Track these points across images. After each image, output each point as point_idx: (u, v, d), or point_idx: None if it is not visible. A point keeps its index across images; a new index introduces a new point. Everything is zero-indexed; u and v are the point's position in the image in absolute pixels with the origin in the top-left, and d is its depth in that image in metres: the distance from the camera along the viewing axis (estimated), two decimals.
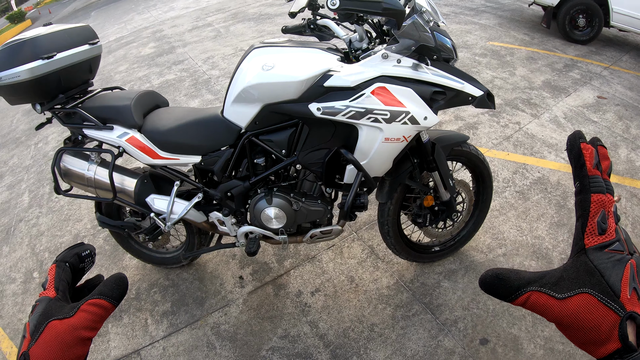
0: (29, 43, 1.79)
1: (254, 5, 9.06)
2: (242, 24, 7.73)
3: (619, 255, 0.44)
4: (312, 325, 2.18)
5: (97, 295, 0.56)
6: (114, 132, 1.92)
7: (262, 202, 1.89)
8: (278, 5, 8.65)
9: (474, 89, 1.72)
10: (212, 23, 8.18)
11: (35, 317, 0.54)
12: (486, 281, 0.49)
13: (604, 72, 4.88)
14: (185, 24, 8.49)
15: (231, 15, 8.56)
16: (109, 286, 0.58)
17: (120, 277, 0.60)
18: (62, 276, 0.61)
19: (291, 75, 1.62)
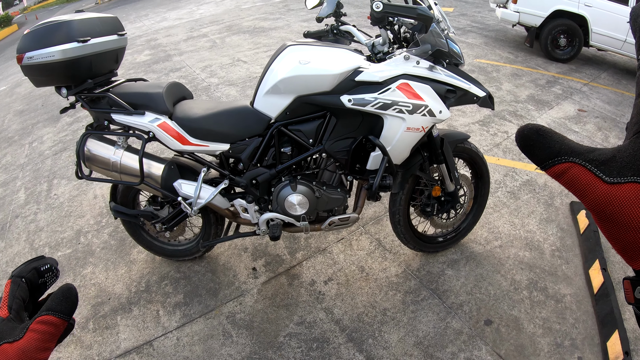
0: (66, 25, 1.84)
1: (248, 18, 9.24)
2: (237, 36, 7.88)
3: None
4: (327, 311, 2.28)
5: (45, 311, 0.52)
6: (145, 117, 1.98)
7: (287, 189, 2.02)
8: (272, 19, 8.87)
9: (478, 90, 1.95)
10: (207, 34, 8.30)
11: None
12: (524, 134, 0.41)
13: (584, 88, 5.21)
14: (180, 34, 8.58)
15: (226, 27, 8.71)
16: (56, 300, 0.54)
17: (68, 289, 0.56)
18: (17, 293, 0.57)
19: (327, 69, 1.80)
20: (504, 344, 2.07)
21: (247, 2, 11.99)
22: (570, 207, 3.02)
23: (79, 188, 3.67)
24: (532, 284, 2.38)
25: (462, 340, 2.10)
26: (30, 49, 1.82)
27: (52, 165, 4.22)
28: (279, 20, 8.80)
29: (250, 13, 9.86)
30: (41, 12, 22.73)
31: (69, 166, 4.13)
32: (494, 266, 2.50)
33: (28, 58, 1.83)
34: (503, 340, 2.09)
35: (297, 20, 8.65)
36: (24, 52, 1.84)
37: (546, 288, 2.35)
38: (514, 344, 2.07)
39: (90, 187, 3.63)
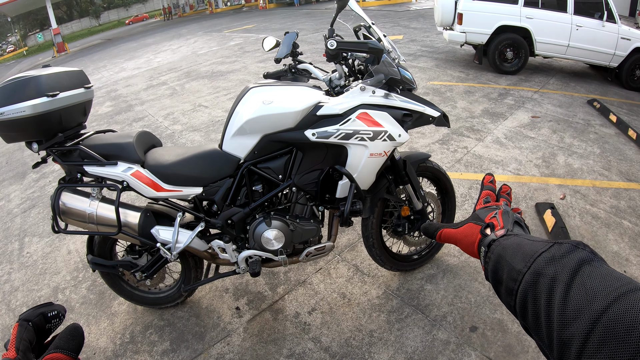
0: (35, 80, 1.85)
1: (205, 63, 9.38)
2: (196, 82, 7.98)
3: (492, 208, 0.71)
4: (314, 341, 2.31)
5: (53, 349, 0.55)
6: (118, 167, 2.01)
7: (262, 225, 2.07)
8: (229, 62, 9.02)
9: (432, 111, 2.10)
10: (166, 82, 8.37)
11: None
12: (424, 228, 0.79)
13: (535, 95, 5.50)
14: (140, 84, 8.62)
15: (184, 73, 8.81)
16: (64, 339, 0.56)
17: (75, 328, 0.59)
18: (24, 335, 0.58)
19: (289, 107, 1.90)
20: (492, 347, 2.15)
21: (203, 47, 12.19)
22: (535, 208, 3.17)
23: (52, 244, 3.61)
24: None
25: (451, 350, 2.17)
26: (0, 105, 1.83)
27: (22, 223, 4.13)
28: (235, 63, 8.97)
29: (207, 58, 10.02)
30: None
31: (39, 223, 4.06)
32: (470, 275, 2.60)
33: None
34: (490, 344, 2.17)
35: (253, 62, 8.84)
36: None
37: None
38: (502, 345, 2.15)
39: (64, 243, 3.58)
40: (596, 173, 3.68)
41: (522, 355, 2.08)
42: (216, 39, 14.13)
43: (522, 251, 0.52)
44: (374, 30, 2.17)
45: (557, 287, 0.44)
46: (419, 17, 12.78)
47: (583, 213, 3.13)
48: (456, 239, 0.71)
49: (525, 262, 0.50)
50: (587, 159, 3.92)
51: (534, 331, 0.48)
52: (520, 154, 4.03)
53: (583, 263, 0.45)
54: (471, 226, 0.69)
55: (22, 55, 29.35)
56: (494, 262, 0.57)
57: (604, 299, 0.40)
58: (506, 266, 0.54)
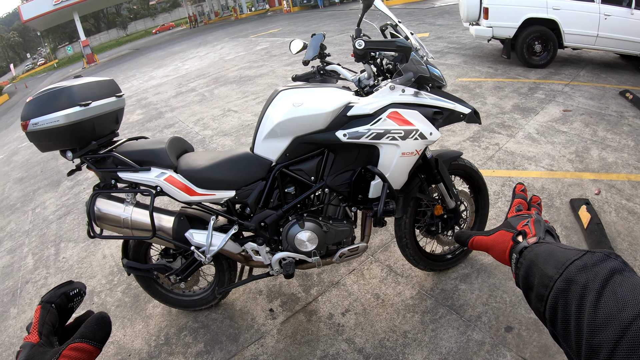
0: (67, 90, 1.91)
1: (233, 69, 9.49)
2: (224, 87, 8.07)
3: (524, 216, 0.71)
4: (348, 342, 2.30)
5: (78, 338, 0.53)
6: (151, 172, 2.05)
7: (295, 227, 2.08)
8: (256, 67, 9.10)
9: (463, 108, 2.06)
10: (195, 88, 8.50)
11: None
12: (456, 236, 0.80)
13: (565, 88, 5.35)
14: (169, 91, 8.78)
15: (212, 79, 8.93)
16: (90, 328, 0.54)
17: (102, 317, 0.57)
18: (47, 319, 0.57)
19: (320, 109, 1.89)
20: (528, 347, 2.09)
21: (230, 53, 12.33)
22: (570, 204, 3.08)
23: (87, 249, 3.71)
24: None
25: (486, 350, 2.12)
26: (35, 116, 1.88)
27: (58, 230, 4.26)
28: (263, 68, 9.05)
29: (234, 63, 10.13)
30: (30, 80, 23.23)
31: (74, 229, 4.17)
32: (505, 274, 2.54)
33: (33, 124, 1.89)
34: (526, 344, 2.11)
35: (280, 66, 8.89)
36: (28, 119, 1.90)
37: None
38: (537, 345, 2.09)
39: (99, 248, 3.67)
40: (631, 167, 3.55)
41: (558, 356, 2.02)
42: (242, 44, 14.29)
43: (554, 258, 0.53)
44: (401, 28, 2.16)
45: (588, 295, 0.45)
46: (444, 14, 12.62)
47: (619, 208, 3.02)
48: (488, 246, 0.71)
49: (557, 269, 0.51)
50: (621, 152, 3.79)
51: (562, 337, 0.49)
52: (553, 149, 3.93)
53: (615, 272, 0.46)
54: (503, 234, 0.69)
55: (52, 68, 30.35)
56: (525, 268, 0.57)
57: (634, 308, 0.41)
58: (538, 272, 0.54)
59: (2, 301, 3.37)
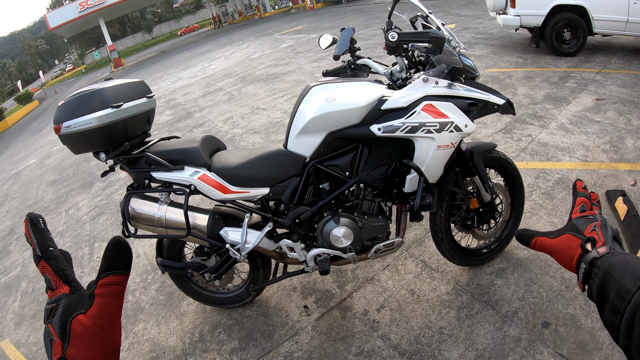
0: (98, 93, 1.93)
1: (259, 67, 9.54)
2: (252, 85, 8.13)
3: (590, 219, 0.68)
4: (384, 338, 2.29)
5: (103, 273, 0.54)
6: (185, 171, 2.06)
7: (330, 223, 2.07)
8: (283, 65, 9.12)
9: (497, 99, 2.01)
10: (223, 87, 8.58)
11: (57, 318, 0.51)
12: (518, 234, 0.77)
13: (597, 76, 5.19)
14: (197, 91, 8.88)
15: (240, 78, 8.99)
16: (110, 259, 0.55)
17: (117, 242, 0.57)
18: (61, 264, 0.57)
19: (354, 103, 1.87)
20: (565, 344, 2.04)
21: (256, 51, 12.39)
22: (606, 196, 2.99)
23: None
24: None
25: (523, 347, 2.08)
26: (67, 119, 1.91)
27: (91, 230, 4.36)
28: (289, 65, 9.07)
29: (260, 62, 10.18)
30: (59, 86, 23.87)
31: (108, 229, 4.27)
32: (541, 268, 2.48)
33: (66, 127, 1.92)
34: (563, 340, 2.06)
35: (307, 62, 8.89)
36: (61, 122, 1.92)
37: None
38: (575, 341, 2.04)
39: (132, 247, 3.73)
40: None
41: (596, 352, 1.96)
42: (268, 43, 14.35)
43: (631, 270, 0.52)
44: (432, 19, 2.11)
45: None
46: (470, 4, 12.37)
47: None
48: (552, 249, 0.69)
49: (635, 281, 0.50)
50: None
51: (637, 351, 0.48)
52: (587, 140, 3.81)
53: None
54: (570, 238, 0.67)
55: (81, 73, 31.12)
56: (600, 280, 0.56)
57: None
58: (614, 284, 0.53)
59: (37, 300, 3.47)
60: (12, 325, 3.26)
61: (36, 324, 3.16)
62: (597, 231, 0.64)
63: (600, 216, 0.69)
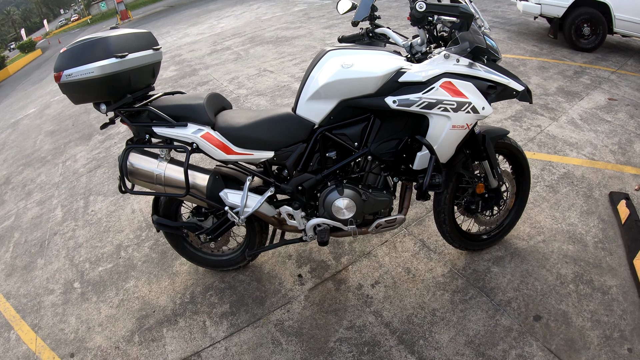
0: (103, 41, 1.85)
1: (269, 29, 9.35)
2: (261, 47, 7.97)
3: None
4: (376, 314, 2.28)
5: None
6: (188, 129, 2.00)
7: (334, 194, 2.02)
8: (293, 28, 8.94)
9: (517, 85, 1.95)
10: (230, 47, 8.42)
11: None
12: None
13: (612, 76, 5.11)
14: (204, 49, 8.71)
15: (248, 39, 8.82)
16: None
17: None
18: None
19: (371, 72, 1.81)
20: (554, 339, 2.04)
21: (267, 13, 12.13)
22: (609, 197, 2.96)
23: (116, 204, 3.75)
24: (577, 277, 2.33)
25: (513, 337, 2.08)
26: (69, 67, 1.85)
27: (87, 183, 4.32)
28: (300, 29, 8.88)
29: (271, 23, 9.97)
30: (63, 35, 23.42)
31: (104, 182, 4.22)
32: (538, 261, 2.47)
33: (66, 76, 1.85)
34: (553, 335, 2.06)
35: (318, 28, 8.71)
36: (62, 70, 1.86)
37: (592, 280, 2.30)
38: (564, 338, 2.04)
39: (128, 202, 3.70)
40: None
41: (584, 352, 1.96)
42: (279, 5, 13.97)
43: None
44: None
45: None
46: None
47: None
48: None
49: None
50: None
51: None
52: (596, 138, 3.76)
53: None
54: None
55: (86, 24, 30.46)
56: None
57: None
58: None
59: (29, 252, 3.45)
60: (3, 276, 3.25)
61: (27, 276, 3.15)
62: None
63: None
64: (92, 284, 2.86)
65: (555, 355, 1.97)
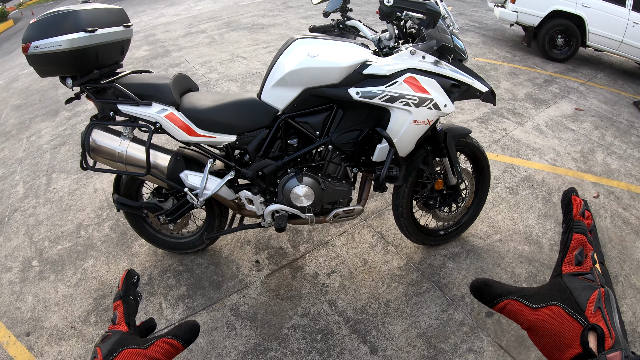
0: (73, 15, 1.83)
1: (246, 15, 9.24)
2: (236, 32, 7.88)
3: (590, 283, 0.49)
4: (330, 303, 2.30)
5: (171, 336, 0.59)
6: (152, 108, 1.98)
7: (293, 181, 2.03)
8: (270, 16, 8.87)
9: (481, 86, 2.00)
10: (205, 30, 8.29)
11: (108, 344, 0.56)
12: (475, 286, 0.55)
13: (581, 87, 5.27)
14: (178, 30, 8.55)
15: (224, 23, 8.70)
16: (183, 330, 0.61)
17: (194, 325, 0.63)
18: (130, 311, 0.64)
19: (336, 62, 1.82)
20: (505, 335, 2.11)
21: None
22: None
23: (79, 182, 3.67)
24: (531, 277, 2.41)
25: (464, 332, 2.14)
26: (37, 38, 1.81)
27: (51, 160, 4.20)
28: (277, 17, 8.82)
29: (248, 10, 9.87)
30: (37, 7, 22.55)
31: (68, 160, 4.12)
32: (494, 259, 2.54)
33: (34, 47, 1.82)
34: (504, 332, 2.12)
35: (295, 18, 8.67)
36: (30, 41, 1.82)
37: (545, 281, 2.37)
38: (515, 335, 2.11)
39: (90, 181, 3.63)
40: (633, 177, 3.52)
41: (533, 349, 2.03)
42: None
43: None
44: None
45: None
46: None
47: (614, 216, 3.00)
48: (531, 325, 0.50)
49: None
50: (625, 161, 3.76)
51: None
52: (559, 145, 3.88)
53: None
54: (561, 316, 0.47)
55: None
56: None
57: None
58: None
59: None
60: None
61: None
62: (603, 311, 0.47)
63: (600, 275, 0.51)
64: (51, 262, 2.80)
65: (505, 351, 2.04)
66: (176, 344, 0.59)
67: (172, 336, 0.59)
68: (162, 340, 0.58)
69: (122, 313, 0.62)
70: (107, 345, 0.56)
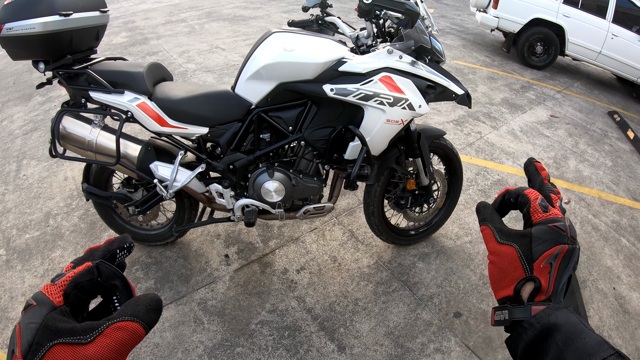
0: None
1: (228, 6, 9.13)
2: (216, 23, 7.79)
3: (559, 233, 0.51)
4: (299, 300, 2.30)
5: (127, 316, 0.41)
6: (124, 96, 1.95)
7: (264, 176, 2.02)
8: (252, 8, 8.79)
9: (457, 88, 2.01)
10: (186, 19, 8.17)
11: (31, 329, 0.38)
12: (477, 206, 0.60)
13: (557, 95, 5.38)
14: (158, 18, 8.40)
15: (205, 13, 8.59)
16: (144, 307, 0.43)
17: (156, 300, 0.44)
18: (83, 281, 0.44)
19: (311, 58, 1.81)
20: (473, 336, 2.14)
21: None
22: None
23: (49, 169, 3.58)
24: None
25: (432, 332, 2.16)
26: (10, 20, 1.78)
27: (22, 145, 4.09)
28: (259, 10, 8.74)
29: (230, 1, 9.75)
30: None
31: (39, 146, 4.02)
32: (463, 261, 2.57)
33: (7, 29, 1.78)
34: (472, 332, 2.15)
35: (277, 11, 8.61)
36: (2, 22, 1.79)
37: None
38: (482, 336, 2.14)
39: (61, 169, 3.54)
40: (604, 185, 3.62)
41: (500, 350, 2.07)
42: None
43: (579, 344, 0.44)
44: None
45: None
46: None
47: (584, 222, 3.08)
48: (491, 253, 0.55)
49: None
50: (597, 169, 3.85)
51: None
52: (533, 150, 3.95)
53: None
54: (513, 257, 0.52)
55: None
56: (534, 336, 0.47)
57: None
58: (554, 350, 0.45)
59: None
60: None
61: None
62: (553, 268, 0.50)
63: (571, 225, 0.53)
64: (18, 251, 2.72)
65: (472, 352, 2.07)
66: (136, 328, 0.41)
67: (130, 317, 0.41)
68: (115, 327, 0.40)
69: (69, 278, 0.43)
70: (30, 330, 0.38)
